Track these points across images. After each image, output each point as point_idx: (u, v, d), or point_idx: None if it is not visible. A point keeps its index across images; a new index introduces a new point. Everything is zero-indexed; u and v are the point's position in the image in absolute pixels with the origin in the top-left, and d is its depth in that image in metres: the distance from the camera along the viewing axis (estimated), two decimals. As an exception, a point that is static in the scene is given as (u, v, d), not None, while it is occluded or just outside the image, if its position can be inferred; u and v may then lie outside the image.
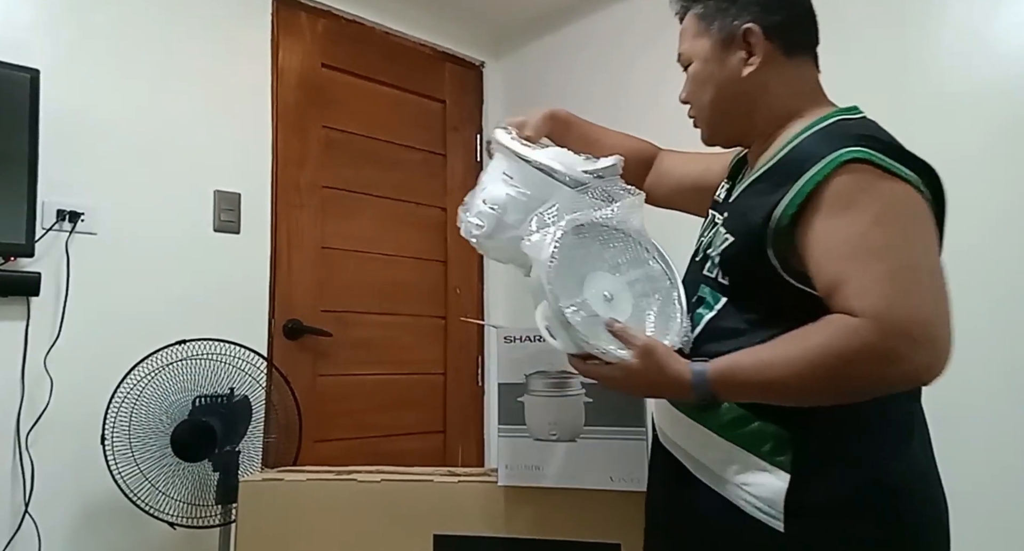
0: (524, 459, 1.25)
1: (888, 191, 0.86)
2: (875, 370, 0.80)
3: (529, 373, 1.24)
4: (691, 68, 1.05)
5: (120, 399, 1.72)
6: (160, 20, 2.09)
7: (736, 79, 1.00)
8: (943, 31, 1.85)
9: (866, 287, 0.81)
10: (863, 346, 0.79)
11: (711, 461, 0.95)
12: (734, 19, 1.00)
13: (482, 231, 1.09)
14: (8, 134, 1.74)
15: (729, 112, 1.03)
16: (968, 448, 1.72)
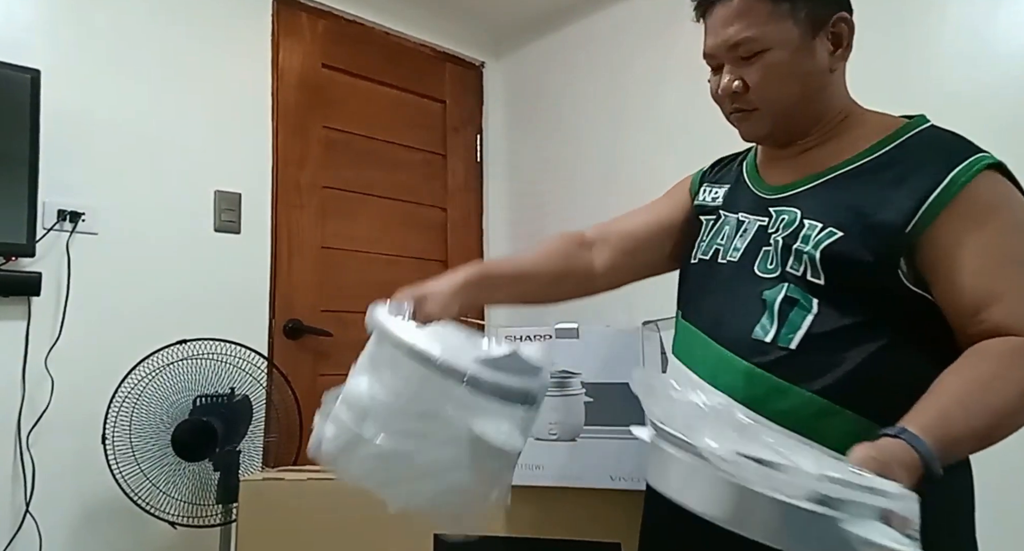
0: (525, 458, 1.23)
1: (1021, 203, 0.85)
2: None
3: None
4: (769, 56, 0.91)
5: (121, 399, 1.72)
6: (161, 20, 2.10)
7: (825, 72, 0.93)
8: (943, 31, 1.85)
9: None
10: None
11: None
12: (824, 6, 0.92)
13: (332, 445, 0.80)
14: (9, 134, 1.74)
15: (809, 104, 0.94)
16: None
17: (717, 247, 1.01)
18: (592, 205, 2.63)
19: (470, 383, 0.74)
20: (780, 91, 0.93)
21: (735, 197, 1.04)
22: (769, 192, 0.99)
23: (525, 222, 2.90)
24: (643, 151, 2.48)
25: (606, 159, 2.62)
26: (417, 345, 0.76)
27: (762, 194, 1.00)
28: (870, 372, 0.84)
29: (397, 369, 0.78)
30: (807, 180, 0.95)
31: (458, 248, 2.85)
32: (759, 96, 0.94)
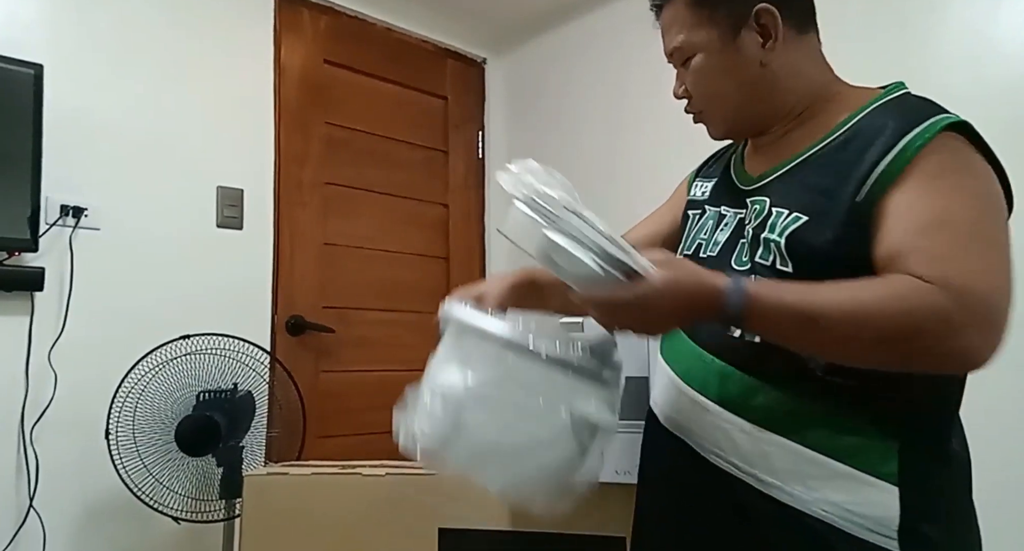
0: None
1: (983, 169, 0.80)
2: (942, 339, 0.72)
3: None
4: (695, 62, 0.94)
5: (124, 394, 1.72)
6: (163, 17, 2.09)
7: (755, 66, 0.91)
8: (945, 31, 1.85)
9: (942, 255, 0.74)
10: (939, 311, 0.71)
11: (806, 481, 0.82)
12: (742, 2, 0.91)
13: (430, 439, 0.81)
14: (12, 130, 1.74)
15: (751, 101, 0.94)
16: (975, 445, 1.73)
17: (699, 241, 1.00)
18: (593, 202, 2.60)
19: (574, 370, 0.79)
20: (712, 92, 0.95)
21: (720, 190, 1.03)
22: (747, 183, 0.98)
23: (526, 219, 2.90)
24: (644, 147, 2.48)
25: (607, 155, 2.62)
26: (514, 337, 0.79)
27: (741, 185, 0.98)
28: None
29: (490, 360, 0.80)
30: (778, 168, 0.93)
31: (459, 245, 2.85)
32: (698, 99, 0.96)
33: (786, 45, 0.91)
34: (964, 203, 0.78)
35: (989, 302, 0.73)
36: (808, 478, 0.81)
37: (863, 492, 0.79)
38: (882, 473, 0.79)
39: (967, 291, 0.72)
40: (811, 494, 0.80)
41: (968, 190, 0.79)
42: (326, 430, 2.35)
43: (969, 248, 0.75)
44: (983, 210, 0.78)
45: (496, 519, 1.32)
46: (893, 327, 0.73)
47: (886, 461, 0.79)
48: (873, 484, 0.79)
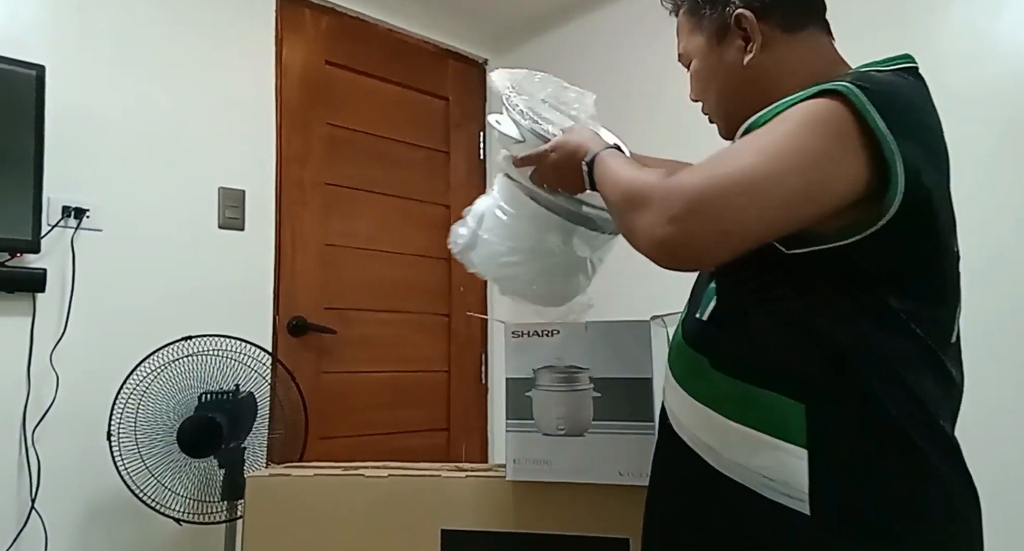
0: (533, 453, 1.25)
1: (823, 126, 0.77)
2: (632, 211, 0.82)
3: (537, 368, 1.24)
4: (693, 67, 1.01)
5: (126, 395, 1.72)
6: (164, 17, 2.09)
7: (738, 68, 0.95)
8: (947, 30, 1.85)
9: (700, 167, 0.79)
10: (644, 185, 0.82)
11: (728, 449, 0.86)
12: (724, 7, 0.95)
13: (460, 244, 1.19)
14: (13, 130, 1.74)
15: (741, 101, 0.95)
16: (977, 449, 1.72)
17: None
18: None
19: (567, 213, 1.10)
20: (708, 94, 1.01)
21: None
22: None
23: (528, 219, 2.90)
24: (644, 148, 2.45)
25: (609, 156, 2.62)
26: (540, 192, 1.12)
27: None
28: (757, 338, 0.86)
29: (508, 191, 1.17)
30: None
31: (461, 245, 2.85)
32: (701, 101, 1.04)
33: (773, 46, 0.94)
34: (761, 141, 0.79)
35: (680, 191, 0.76)
36: (732, 447, 0.85)
37: (776, 457, 0.81)
38: (792, 438, 0.80)
39: (671, 182, 0.78)
40: (730, 458, 0.85)
41: (778, 133, 0.78)
42: (328, 431, 2.35)
43: (707, 166, 0.78)
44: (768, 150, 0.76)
45: (499, 520, 1.32)
46: (621, 190, 0.87)
47: (795, 427, 0.81)
48: (784, 448, 0.81)
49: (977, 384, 1.68)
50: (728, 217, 0.74)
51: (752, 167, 0.75)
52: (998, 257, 1.72)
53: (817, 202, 0.76)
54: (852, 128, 0.76)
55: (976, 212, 1.76)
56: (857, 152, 0.76)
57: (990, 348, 1.72)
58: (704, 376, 0.90)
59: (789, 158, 0.75)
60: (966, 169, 1.78)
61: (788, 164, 0.75)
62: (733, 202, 0.74)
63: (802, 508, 0.79)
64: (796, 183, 0.75)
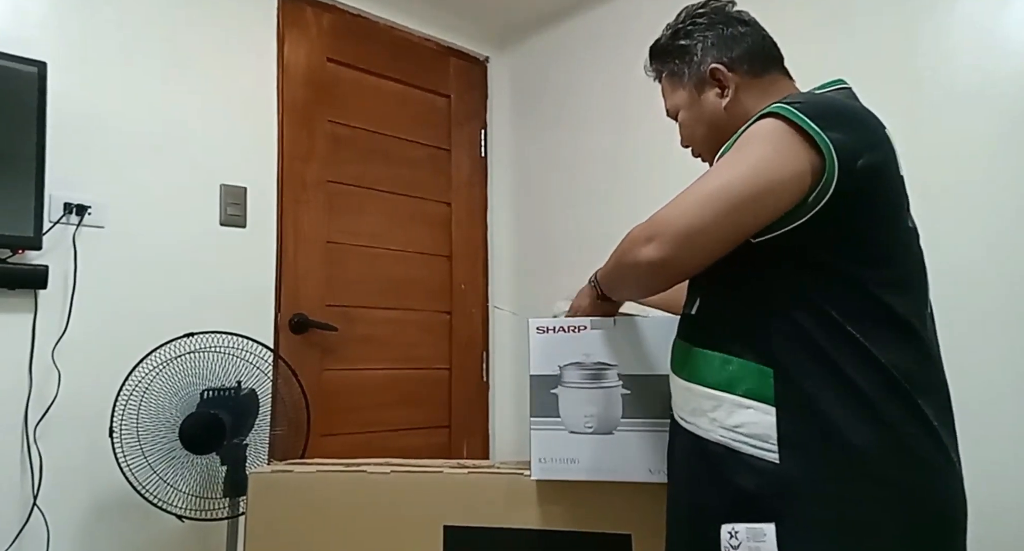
0: (560, 452, 1.23)
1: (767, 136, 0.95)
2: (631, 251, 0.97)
3: (564, 364, 1.23)
4: (680, 117, 1.20)
5: (128, 392, 1.71)
6: (166, 15, 2.09)
7: (719, 111, 1.13)
8: (952, 26, 1.85)
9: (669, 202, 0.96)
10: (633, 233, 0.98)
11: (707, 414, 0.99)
12: (699, 65, 1.14)
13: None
14: (15, 127, 1.74)
15: (723, 139, 1.08)
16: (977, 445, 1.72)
17: None
18: (597, 199, 2.63)
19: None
20: (696, 137, 1.19)
21: None
22: None
23: (530, 217, 2.90)
24: (648, 145, 2.48)
25: (611, 153, 2.62)
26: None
27: None
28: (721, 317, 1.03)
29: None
30: None
31: (463, 243, 2.85)
32: (690, 144, 1.21)
33: (745, 89, 1.12)
34: (720, 164, 0.97)
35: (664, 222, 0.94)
36: (708, 411, 0.98)
37: (748, 414, 0.94)
38: (762, 397, 0.93)
39: (653, 219, 0.96)
40: (712, 424, 0.97)
41: (732, 154, 0.97)
42: (330, 428, 2.35)
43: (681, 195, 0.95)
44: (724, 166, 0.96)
45: (501, 517, 1.32)
46: (614, 256, 1.04)
47: (764, 387, 0.94)
48: (756, 407, 0.94)
49: (978, 382, 1.67)
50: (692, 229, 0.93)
51: (704, 185, 0.94)
52: (1003, 251, 1.72)
53: (771, 199, 0.92)
54: (788, 134, 0.93)
55: (981, 207, 1.76)
56: (798, 152, 0.92)
57: (1000, 342, 1.72)
58: (690, 358, 1.04)
59: (736, 170, 0.94)
60: (972, 164, 1.78)
61: (735, 175, 0.93)
62: (692, 217, 0.93)
63: (772, 457, 0.92)
64: (744, 189, 0.91)
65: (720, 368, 0.98)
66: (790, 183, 0.91)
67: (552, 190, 2.81)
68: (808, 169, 0.91)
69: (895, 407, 0.91)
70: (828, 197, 0.91)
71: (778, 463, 0.91)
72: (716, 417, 0.97)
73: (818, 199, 0.91)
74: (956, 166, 1.79)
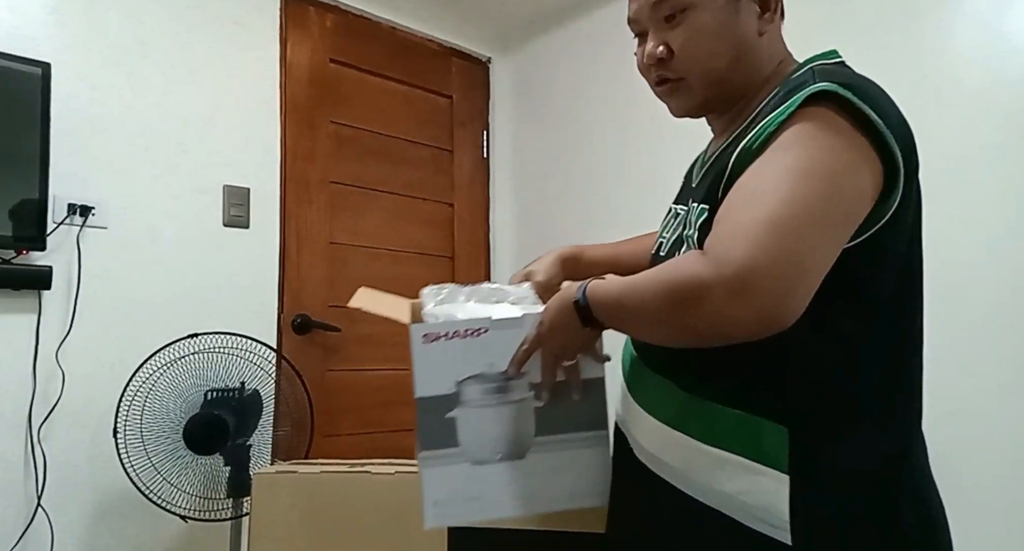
0: (462, 490, 0.97)
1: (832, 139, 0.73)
2: (696, 303, 0.70)
3: (462, 379, 0.94)
4: (692, 17, 0.86)
5: (132, 393, 1.72)
6: (170, 16, 2.09)
7: (752, 36, 0.87)
8: (957, 25, 1.85)
9: (732, 229, 0.71)
10: (691, 278, 0.70)
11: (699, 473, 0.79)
12: None
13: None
14: (19, 127, 1.74)
15: (738, 69, 0.88)
16: (976, 445, 1.72)
17: (660, 240, 0.99)
18: (598, 200, 2.63)
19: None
20: (706, 56, 0.87)
21: (682, 187, 1.03)
22: (693, 180, 0.98)
23: (531, 217, 2.90)
24: (649, 146, 2.48)
25: (612, 154, 2.62)
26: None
27: (690, 182, 0.99)
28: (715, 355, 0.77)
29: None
30: (708, 159, 0.94)
31: (465, 243, 2.85)
32: (684, 62, 0.88)
33: (776, 23, 0.90)
34: (785, 182, 0.71)
35: (749, 273, 0.67)
36: (704, 471, 0.79)
37: (755, 481, 0.75)
38: (772, 461, 0.75)
39: (728, 263, 0.68)
40: (708, 486, 0.78)
41: (798, 167, 0.72)
42: (333, 428, 2.35)
43: (760, 224, 0.69)
44: (802, 188, 0.71)
45: (506, 517, 1.31)
46: (659, 295, 0.74)
47: (776, 448, 0.75)
48: (765, 473, 0.75)
49: (979, 382, 1.67)
50: (794, 271, 0.69)
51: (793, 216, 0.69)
52: (1005, 251, 1.72)
53: (855, 217, 0.73)
54: (854, 132, 0.73)
55: (986, 206, 1.76)
56: (868, 155, 0.73)
57: (1002, 343, 1.72)
58: (672, 398, 0.83)
59: (822, 190, 0.71)
60: (976, 163, 1.78)
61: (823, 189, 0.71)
62: (798, 256, 0.69)
63: (783, 537, 0.74)
64: (836, 212, 0.72)
65: (718, 420, 0.79)
66: (870, 197, 0.74)
67: (554, 191, 2.81)
68: (879, 179, 0.74)
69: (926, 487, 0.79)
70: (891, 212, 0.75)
71: (790, 546, 0.74)
72: (709, 477, 0.78)
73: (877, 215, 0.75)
74: (961, 164, 1.79)
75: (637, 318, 0.79)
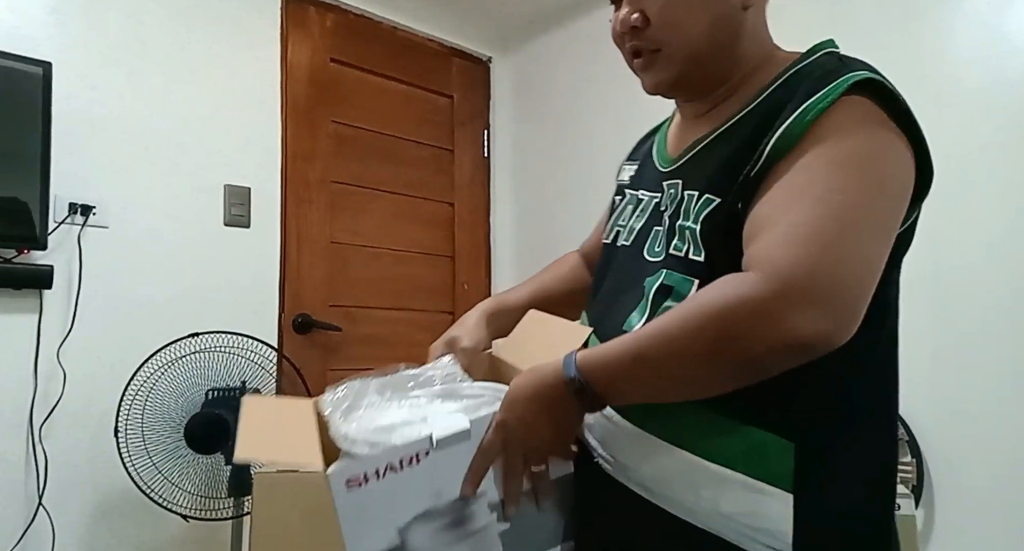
0: None
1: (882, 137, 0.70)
2: (759, 328, 0.63)
3: (405, 523, 0.74)
4: None
5: (133, 392, 1.72)
6: (170, 15, 2.10)
7: (736, 11, 0.81)
8: (957, 25, 1.85)
9: (780, 236, 0.66)
10: (742, 300, 0.63)
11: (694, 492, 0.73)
12: None
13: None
14: (21, 127, 1.74)
15: (718, 44, 0.81)
16: (977, 446, 1.72)
17: (618, 229, 0.92)
18: (599, 200, 2.61)
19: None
20: (685, 25, 0.80)
21: (641, 172, 0.96)
22: (665, 164, 0.90)
23: (532, 217, 2.91)
24: (651, 146, 2.48)
25: (613, 154, 2.60)
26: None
27: (660, 166, 0.91)
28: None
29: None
30: (694, 145, 0.84)
31: (465, 243, 2.85)
32: (662, 31, 0.82)
33: (763, 5, 0.84)
34: (837, 177, 0.68)
35: (808, 280, 0.63)
36: (699, 489, 0.72)
37: (755, 501, 0.70)
38: (776, 479, 0.70)
39: (787, 273, 0.63)
40: (701, 505, 0.71)
41: (850, 162, 0.68)
42: (333, 428, 2.35)
43: (817, 225, 0.65)
44: (856, 185, 0.68)
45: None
46: (704, 330, 0.65)
47: (782, 466, 0.70)
48: (767, 492, 0.70)
49: (979, 382, 1.67)
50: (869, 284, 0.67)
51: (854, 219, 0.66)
52: (1010, 252, 1.72)
53: (901, 218, 0.71)
54: (896, 127, 0.71)
55: (986, 206, 1.76)
56: (908, 153, 0.71)
57: (1004, 343, 1.72)
58: (674, 412, 0.74)
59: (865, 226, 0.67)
60: (976, 163, 1.78)
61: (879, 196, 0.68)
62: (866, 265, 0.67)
63: None
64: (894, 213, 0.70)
65: (719, 434, 0.72)
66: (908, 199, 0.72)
67: (554, 190, 2.81)
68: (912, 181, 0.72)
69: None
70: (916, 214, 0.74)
71: None
72: (704, 495, 0.72)
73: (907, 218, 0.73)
74: (962, 165, 1.79)
75: (669, 370, 0.68)
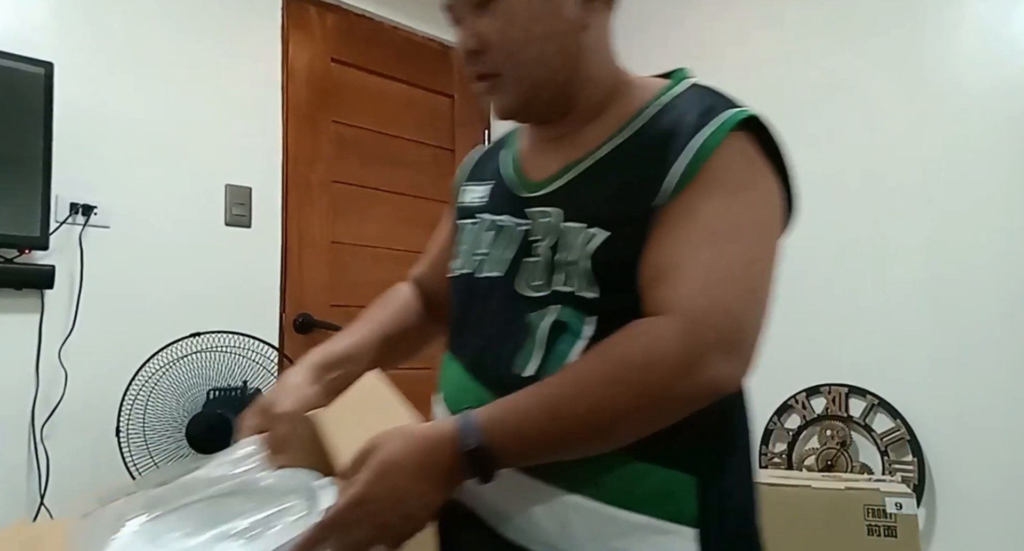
0: None
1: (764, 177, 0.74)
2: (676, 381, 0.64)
3: None
4: (504, 2, 0.75)
5: (135, 392, 1.72)
6: (172, 16, 2.10)
7: (573, 23, 0.77)
8: (959, 29, 1.85)
9: (691, 280, 0.67)
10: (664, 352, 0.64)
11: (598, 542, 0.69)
12: None
13: None
14: (22, 127, 1.74)
15: (558, 65, 0.78)
16: (977, 446, 1.72)
17: (480, 258, 0.84)
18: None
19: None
20: (519, 48, 0.76)
21: (496, 196, 0.87)
22: (528, 189, 0.83)
23: (533, 217, 2.90)
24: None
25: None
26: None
27: (521, 192, 0.83)
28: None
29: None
30: (565, 171, 0.79)
31: (466, 243, 2.85)
32: (499, 54, 0.77)
33: (603, 15, 0.81)
34: (739, 217, 0.70)
35: (728, 326, 0.65)
36: (604, 538, 0.68)
37: (665, 543, 0.68)
38: (682, 517, 0.69)
39: (703, 319, 0.65)
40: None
41: (748, 202, 0.71)
42: (334, 428, 2.34)
43: (726, 270, 0.67)
44: (756, 226, 0.71)
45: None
46: (631, 382, 0.64)
47: (686, 503, 0.69)
48: (675, 531, 0.68)
49: (980, 382, 1.67)
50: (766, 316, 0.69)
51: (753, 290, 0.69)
52: (1011, 254, 1.72)
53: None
54: (768, 166, 0.74)
55: (988, 209, 1.76)
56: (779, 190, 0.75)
57: (1004, 345, 1.72)
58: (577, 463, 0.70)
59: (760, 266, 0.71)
60: (978, 166, 1.78)
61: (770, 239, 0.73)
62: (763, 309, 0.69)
63: None
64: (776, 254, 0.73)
65: (622, 476, 0.69)
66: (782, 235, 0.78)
67: (555, 190, 2.81)
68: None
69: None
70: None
71: None
72: (612, 545, 0.68)
73: None
74: (962, 168, 1.80)
75: (587, 425, 0.65)
